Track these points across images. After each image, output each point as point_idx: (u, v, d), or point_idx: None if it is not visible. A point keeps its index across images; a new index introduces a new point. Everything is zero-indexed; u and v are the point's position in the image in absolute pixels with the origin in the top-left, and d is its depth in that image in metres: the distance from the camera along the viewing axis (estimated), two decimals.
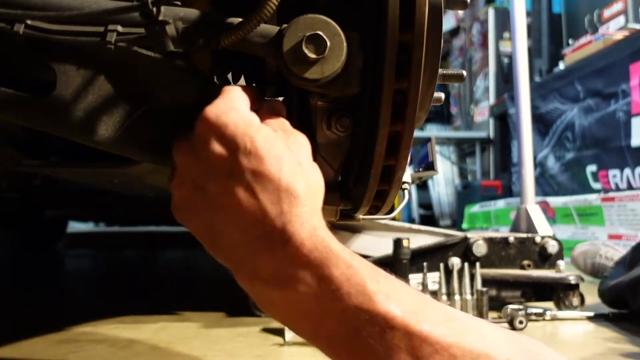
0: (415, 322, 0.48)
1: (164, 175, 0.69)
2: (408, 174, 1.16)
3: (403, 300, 0.50)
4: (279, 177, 0.52)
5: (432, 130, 6.04)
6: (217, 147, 0.53)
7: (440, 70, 0.78)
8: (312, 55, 0.58)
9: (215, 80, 0.74)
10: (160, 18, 0.56)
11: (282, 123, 0.60)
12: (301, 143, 0.59)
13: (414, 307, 0.50)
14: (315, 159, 0.72)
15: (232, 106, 0.55)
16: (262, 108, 0.62)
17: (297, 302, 0.50)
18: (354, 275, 0.49)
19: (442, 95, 0.86)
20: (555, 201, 3.44)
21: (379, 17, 0.61)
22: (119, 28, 0.57)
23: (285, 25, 0.60)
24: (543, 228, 1.84)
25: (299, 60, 0.59)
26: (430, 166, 1.36)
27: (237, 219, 0.52)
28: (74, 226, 5.50)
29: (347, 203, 0.77)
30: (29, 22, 0.54)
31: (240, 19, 0.59)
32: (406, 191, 1.00)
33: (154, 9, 0.55)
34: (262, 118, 0.58)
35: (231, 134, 0.53)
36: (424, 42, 0.61)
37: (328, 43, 0.58)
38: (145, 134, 0.67)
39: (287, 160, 0.54)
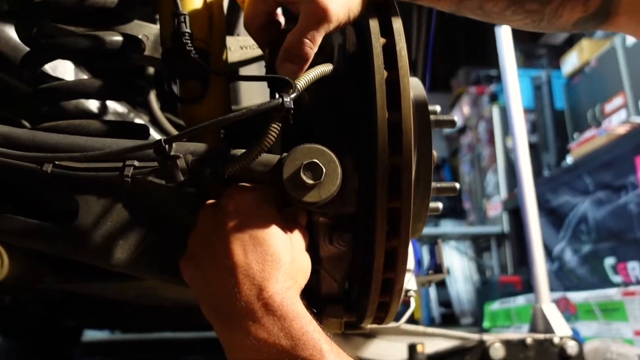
0: None
1: (178, 288, 0.73)
2: (413, 281, 1.18)
3: None
4: (269, 245, 0.63)
5: (447, 226, 6.03)
6: (231, 209, 0.65)
7: (433, 184, 0.83)
8: (310, 181, 0.64)
9: None
10: (172, 153, 0.62)
11: (291, 214, 0.70)
12: (299, 233, 0.70)
13: None
14: (319, 272, 0.76)
15: (251, 190, 0.68)
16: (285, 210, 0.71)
17: (256, 347, 0.58)
18: (310, 333, 0.58)
19: (440, 204, 0.91)
20: (576, 297, 3.36)
21: (370, 142, 0.67)
22: (136, 163, 0.64)
23: (284, 154, 0.66)
24: (561, 328, 1.80)
25: (298, 185, 0.64)
26: (438, 269, 1.37)
27: (228, 267, 0.62)
28: (90, 334, 5.43)
29: (352, 315, 0.80)
30: (56, 162, 0.61)
31: (244, 150, 0.66)
32: (412, 298, 1.02)
33: (167, 146, 0.62)
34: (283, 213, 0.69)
35: (246, 204, 0.65)
36: (412, 165, 0.66)
37: (324, 169, 0.64)
38: (158, 256, 0.72)
39: (282, 238, 0.65)
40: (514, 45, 2.43)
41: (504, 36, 2.34)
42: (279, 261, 0.63)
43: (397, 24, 0.69)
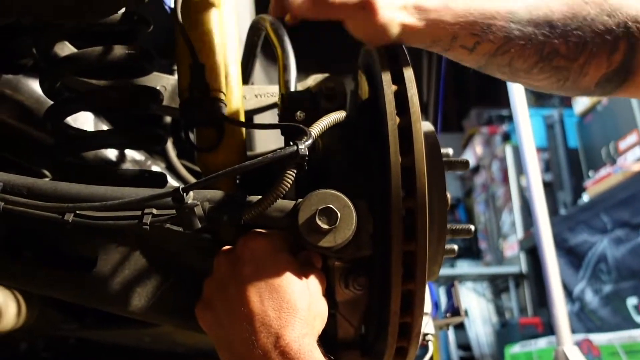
0: None
1: (193, 333, 0.74)
2: (431, 325, 1.17)
3: None
4: (285, 292, 0.63)
5: (463, 267, 5.95)
6: (246, 256, 0.66)
7: (448, 226, 0.83)
8: (325, 226, 0.65)
9: None
10: (190, 201, 0.64)
11: (307, 258, 0.70)
12: (316, 277, 0.69)
13: None
14: (335, 316, 0.75)
15: (265, 236, 0.69)
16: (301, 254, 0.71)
17: None
18: None
19: (455, 247, 0.91)
20: (599, 339, 3.28)
21: (384, 186, 0.68)
22: (154, 211, 0.65)
23: (299, 200, 0.67)
24: None
25: (314, 231, 0.65)
26: (456, 312, 1.36)
27: (245, 315, 0.62)
28: None
29: None
30: (78, 212, 0.62)
31: (259, 197, 0.67)
32: (430, 342, 1.00)
33: (184, 194, 0.63)
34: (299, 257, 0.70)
35: (261, 251, 0.66)
36: (426, 208, 0.67)
37: (339, 214, 0.65)
38: (174, 302, 0.72)
39: (298, 284, 0.65)
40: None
41: None
42: (295, 308, 0.63)
43: (408, 72, 0.71)
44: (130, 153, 0.98)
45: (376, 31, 0.73)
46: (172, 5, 0.77)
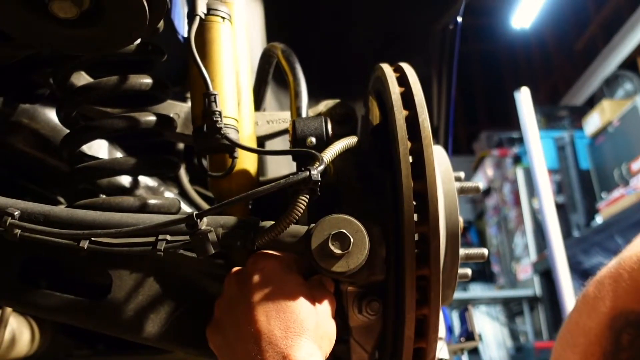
0: None
1: None
2: (445, 350, 1.15)
3: None
4: (292, 312, 0.63)
5: (476, 290, 5.88)
6: (255, 276, 0.66)
7: (462, 251, 0.83)
8: (338, 251, 0.65)
9: None
10: (203, 227, 0.64)
11: (318, 282, 0.70)
12: (325, 299, 0.69)
13: None
14: (348, 342, 0.75)
15: (274, 256, 0.69)
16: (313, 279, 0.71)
17: None
18: None
19: (469, 271, 0.90)
20: None
21: (396, 211, 0.68)
22: (168, 237, 0.66)
23: (312, 225, 0.67)
24: None
25: (326, 256, 0.65)
26: (470, 336, 1.34)
27: (252, 334, 0.62)
28: None
29: None
30: (93, 238, 0.63)
31: (272, 222, 0.67)
32: None
33: (198, 220, 0.64)
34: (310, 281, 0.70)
35: (270, 271, 0.67)
36: (439, 233, 0.67)
37: (352, 239, 0.65)
38: (188, 328, 0.72)
39: (305, 304, 0.65)
40: (534, 107, 2.46)
41: (524, 99, 2.37)
42: (302, 328, 0.63)
43: (419, 97, 0.72)
44: (143, 179, 0.99)
45: None
46: (185, 35, 0.79)
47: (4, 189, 0.72)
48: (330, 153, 0.68)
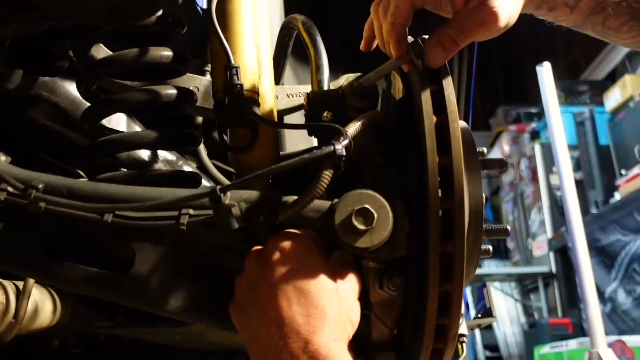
0: None
1: (225, 332, 0.74)
2: (464, 325, 1.15)
3: None
4: (314, 297, 0.63)
5: (491, 267, 5.87)
6: (276, 258, 0.66)
7: (484, 226, 0.82)
8: (362, 227, 0.64)
9: None
10: (227, 202, 0.64)
11: (341, 259, 0.69)
12: (349, 280, 0.69)
13: None
14: (369, 317, 0.75)
15: (297, 237, 0.68)
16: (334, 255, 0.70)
17: None
18: None
19: (490, 247, 0.89)
20: (633, 340, 3.20)
21: (421, 186, 0.67)
22: (191, 211, 0.65)
23: (336, 200, 0.67)
24: None
25: (350, 231, 0.65)
26: (488, 313, 1.33)
27: (274, 319, 0.62)
28: None
29: None
30: (117, 212, 0.63)
31: (295, 197, 0.66)
32: (464, 344, 0.99)
33: (222, 195, 0.63)
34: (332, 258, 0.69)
35: (292, 253, 0.66)
36: (464, 208, 0.66)
37: (375, 215, 0.64)
38: (210, 302, 0.73)
39: (327, 288, 0.65)
40: (555, 82, 2.41)
41: (545, 74, 2.33)
42: (324, 314, 0.63)
43: (444, 71, 0.70)
44: (162, 153, 0.99)
45: (501, 29, 0.71)
46: (204, 7, 0.78)
47: (26, 163, 0.72)
48: (354, 127, 0.67)
